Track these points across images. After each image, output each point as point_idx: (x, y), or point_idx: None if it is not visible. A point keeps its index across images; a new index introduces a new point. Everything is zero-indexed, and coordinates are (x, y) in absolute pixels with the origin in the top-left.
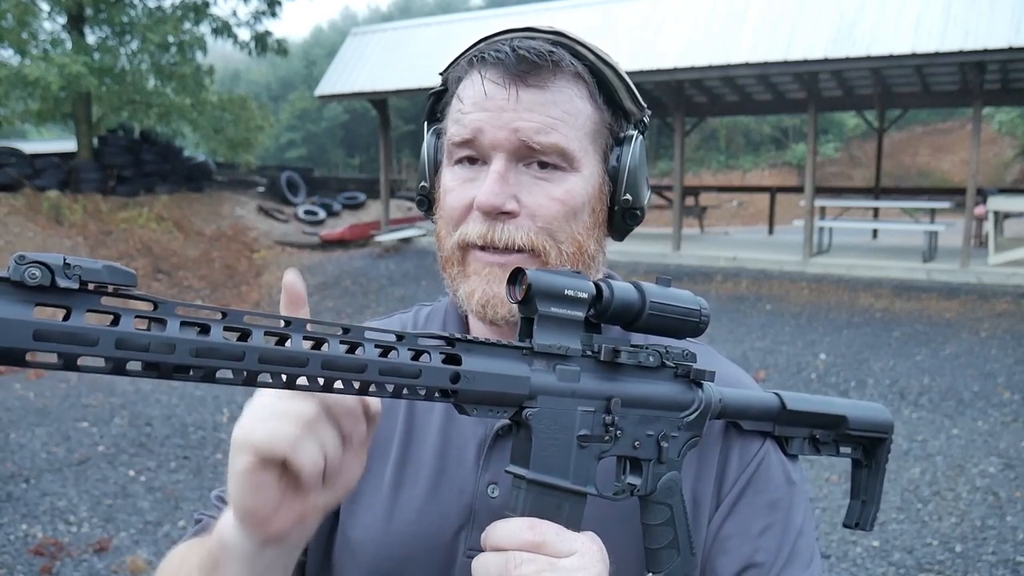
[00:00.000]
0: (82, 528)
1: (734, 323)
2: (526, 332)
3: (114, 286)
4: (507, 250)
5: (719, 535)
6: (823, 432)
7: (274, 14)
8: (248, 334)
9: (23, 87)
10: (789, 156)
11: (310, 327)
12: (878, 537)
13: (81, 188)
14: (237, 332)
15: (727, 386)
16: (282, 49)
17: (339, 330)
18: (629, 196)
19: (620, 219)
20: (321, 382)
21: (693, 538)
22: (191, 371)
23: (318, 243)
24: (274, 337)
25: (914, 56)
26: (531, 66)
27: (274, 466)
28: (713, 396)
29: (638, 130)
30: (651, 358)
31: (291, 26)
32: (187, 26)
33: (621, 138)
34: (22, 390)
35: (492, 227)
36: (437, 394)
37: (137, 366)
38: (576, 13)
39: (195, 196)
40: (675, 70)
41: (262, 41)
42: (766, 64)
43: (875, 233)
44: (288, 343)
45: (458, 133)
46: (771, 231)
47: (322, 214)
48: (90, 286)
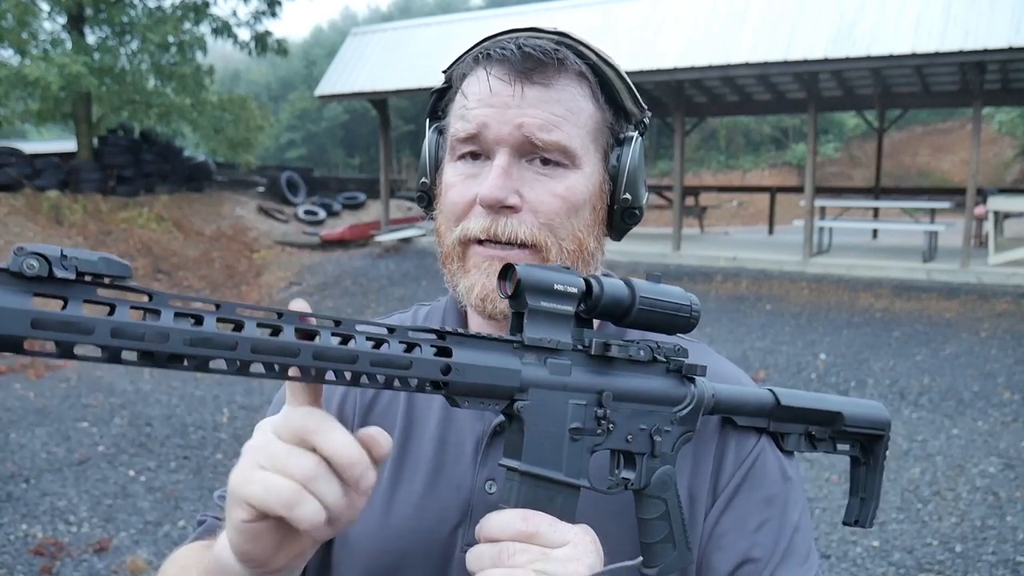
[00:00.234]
0: (82, 528)
1: (734, 323)
2: (517, 326)
3: (110, 277)
4: (509, 244)
5: (715, 531)
6: (819, 428)
7: (274, 14)
8: (241, 325)
9: (23, 87)
10: (789, 156)
11: (303, 320)
12: (878, 537)
13: (81, 188)
14: (230, 323)
15: (721, 382)
16: (282, 49)
17: (331, 323)
18: (628, 195)
19: (619, 218)
20: (313, 372)
21: (689, 533)
22: (185, 360)
23: (318, 243)
24: (267, 329)
25: (914, 56)
26: (536, 63)
27: (272, 519)
28: (706, 391)
29: (638, 131)
30: (642, 352)
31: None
32: (187, 26)
33: (622, 139)
34: (22, 390)
35: (495, 221)
36: (428, 386)
37: (132, 355)
38: (576, 13)
39: (195, 196)
40: (675, 70)
41: (262, 41)
42: (766, 64)
43: (875, 233)
44: (281, 335)
45: (463, 128)
46: (771, 231)
47: (322, 214)
48: (86, 277)
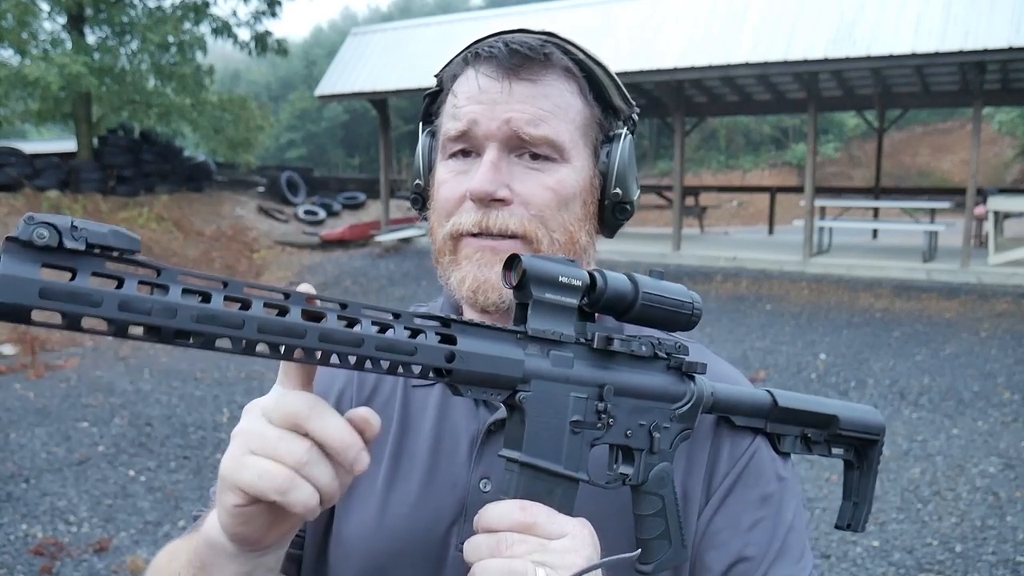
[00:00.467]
0: (82, 528)
1: (734, 323)
2: (520, 317)
3: (119, 251)
4: (500, 235)
5: (709, 529)
6: (815, 431)
7: (274, 14)
8: (248, 304)
9: (23, 87)
10: (789, 156)
11: (310, 301)
12: (878, 537)
13: (81, 188)
14: (238, 302)
15: (719, 383)
16: (282, 49)
17: (337, 306)
18: (619, 190)
19: (610, 213)
20: (318, 355)
21: (684, 530)
22: (191, 337)
23: (318, 243)
24: (274, 309)
25: (914, 56)
26: (523, 60)
27: (263, 503)
28: (705, 389)
29: (627, 127)
30: (643, 348)
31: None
32: (187, 26)
33: (611, 135)
34: (22, 390)
35: (486, 215)
36: (432, 373)
37: (139, 330)
38: (576, 13)
39: (195, 196)
40: (675, 70)
41: (262, 41)
42: (766, 64)
43: (875, 233)
44: (287, 316)
45: (453, 127)
46: (771, 231)
47: (322, 214)
48: (96, 250)
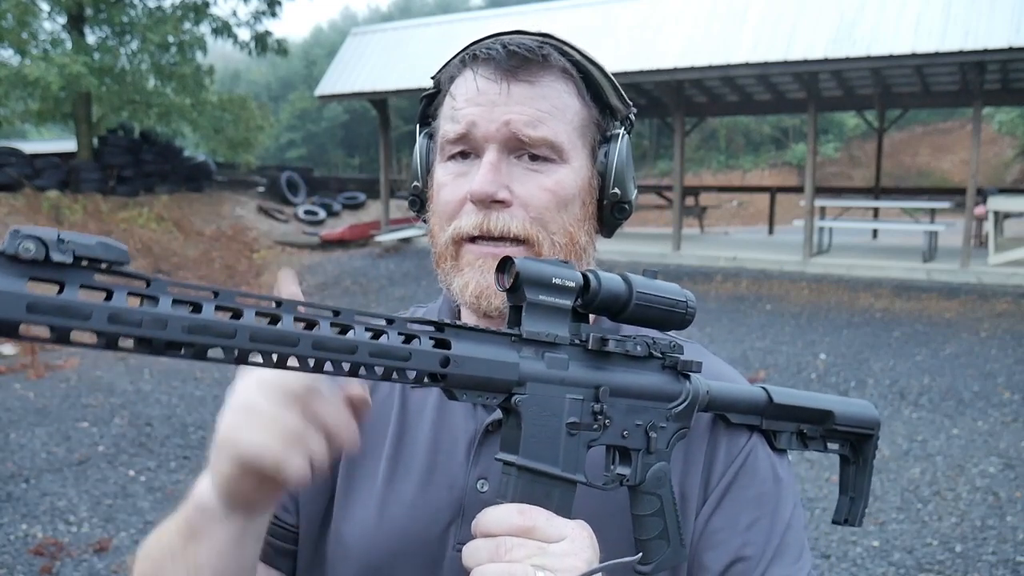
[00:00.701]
0: (82, 528)
1: (734, 323)
2: (514, 320)
3: (107, 262)
4: (502, 239)
5: (706, 529)
6: (810, 427)
7: (274, 14)
8: (240, 313)
9: (23, 87)
10: (789, 156)
11: (302, 309)
12: (878, 537)
13: (81, 188)
14: (229, 311)
15: (714, 381)
16: (282, 49)
17: (330, 313)
18: (617, 190)
19: (609, 213)
20: (311, 363)
21: (683, 530)
22: (183, 348)
23: (318, 243)
24: (266, 317)
25: (914, 56)
26: (521, 61)
27: (258, 471)
28: (700, 388)
29: (624, 127)
30: (639, 347)
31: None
32: (187, 26)
33: (608, 135)
34: (22, 390)
35: (487, 217)
36: (427, 378)
37: (129, 342)
38: (576, 13)
39: (195, 196)
40: (675, 70)
41: (262, 41)
42: (766, 64)
43: (875, 233)
44: (279, 324)
45: (452, 129)
46: (771, 231)
47: (322, 214)
48: (84, 262)
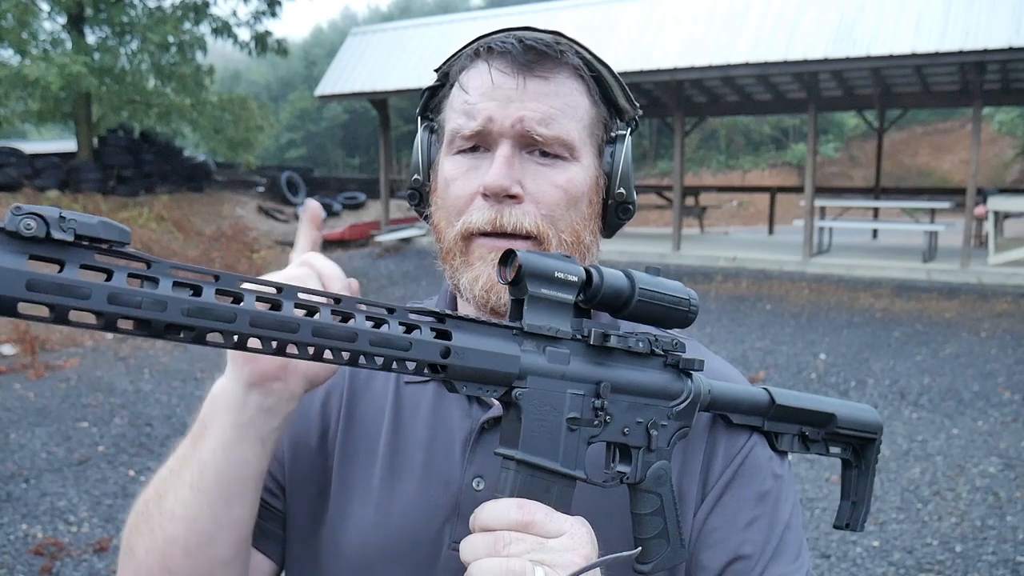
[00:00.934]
0: (82, 528)
1: (734, 323)
2: (516, 313)
3: (108, 242)
4: (514, 235)
5: (704, 528)
6: (812, 430)
7: (274, 14)
8: (240, 298)
9: (23, 87)
10: (789, 156)
11: (302, 296)
12: (878, 537)
13: (81, 188)
14: (229, 296)
15: (716, 380)
16: (282, 49)
17: (331, 300)
18: (623, 190)
19: (613, 213)
20: (311, 350)
21: (682, 529)
22: (182, 331)
23: None
24: (266, 303)
25: (914, 56)
26: (538, 56)
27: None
28: (702, 387)
29: (630, 128)
30: (640, 344)
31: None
32: (187, 26)
33: (614, 136)
34: (22, 390)
35: (499, 212)
36: (427, 369)
37: (128, 324)
38: (576, 13)
39: (195, 196)
40: (675, 70)
41: (262, 41)
42: (766, 64)
43: (875, 233)
44: (280, 310)
45: (467, 125)
46: (771, 231)
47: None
48: (85, 242)
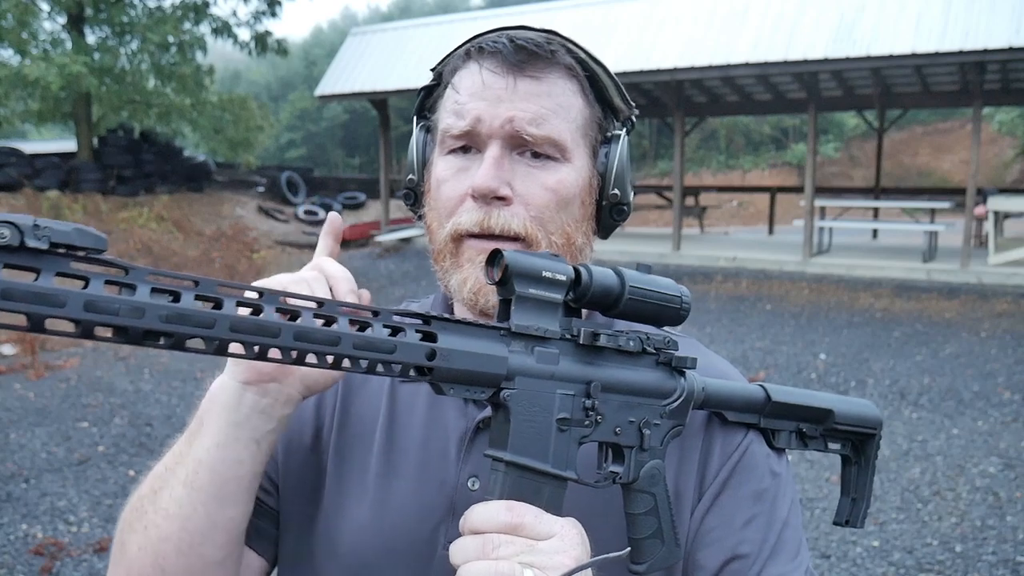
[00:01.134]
0: (82, 528)
1: (734, 323)
2: (504, 314)
3: (84, 250)
4: (502, 237)
5: (702, 527)
6: (810, 426)
7: (274, 14)
8: (220, 303)
9: (23, 87)
10: (789, 156)
11: (284, 300)
12: (878, 537)
13: (81, 188)
14: (210, 301)
15: (711, 378)
16: (282, 49)
17: (314, 304)
18: (617, 191)
19: (607, 214)
20: (294, 354)
21: (677, 528)
22: (161, 338)
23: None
24: (247, 308)
25: (914, 56)
26: (529, 56)
27: None
28: (696, 385)
29: (625, 128)
30: (631, 343)
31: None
32: (187, 26)
33: (609, 136)
34: (22, 390)
35: (488, 214)
36: (412, 371)
37: (106, 331)
38: (576, 13)
39: (195, 196)
40: (675, 70)
41: (262, 41)
42: (766, 64)
43: (875, 233)
44: (261, 314)
45: (456, 125)
46: (771, 231)
47: (322, 214)
48: (60, 249)
